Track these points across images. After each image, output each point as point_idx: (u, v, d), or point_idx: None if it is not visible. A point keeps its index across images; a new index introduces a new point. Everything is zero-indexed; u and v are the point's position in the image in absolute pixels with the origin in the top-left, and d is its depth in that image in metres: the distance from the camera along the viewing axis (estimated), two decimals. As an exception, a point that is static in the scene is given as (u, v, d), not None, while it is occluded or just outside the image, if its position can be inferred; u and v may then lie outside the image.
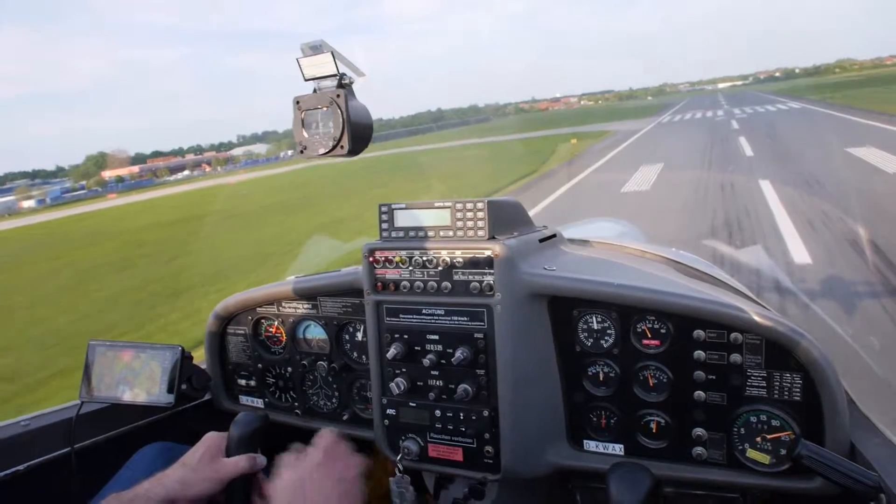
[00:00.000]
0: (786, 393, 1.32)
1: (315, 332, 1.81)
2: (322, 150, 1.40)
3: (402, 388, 1.52)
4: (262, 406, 1.93)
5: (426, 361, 1.50)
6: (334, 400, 1.81)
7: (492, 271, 1.43)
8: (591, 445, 1.52)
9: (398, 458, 1.57)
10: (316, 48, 1.32)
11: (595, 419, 1.52)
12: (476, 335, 1.47)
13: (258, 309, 1.87)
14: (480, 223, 1.45)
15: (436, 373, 1.52)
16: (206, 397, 1.97)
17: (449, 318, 1.49)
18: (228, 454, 1.40)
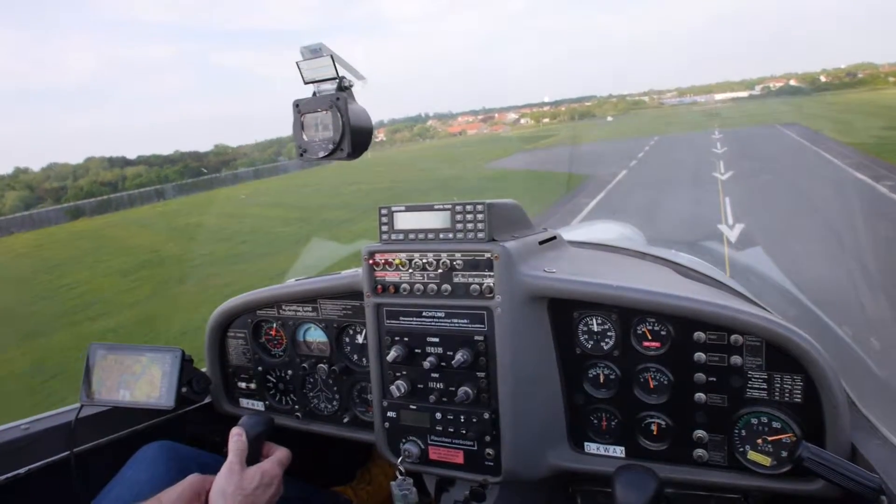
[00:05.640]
0: (786, 394, 1.32)
1: (315, 335, 1.81)
2: (322, 154, 1.40)
3: (403, 390, 1.52)
4: (263, 409, 1.93)
5: (426, 364, 1.49)
6: (335, 403, 1.81)
7: (492, 273, 1.43)
8: (591, 448, 1.52)
9: (399, 460, 1.57)
10: (315, 51, 1.32)
11: (596, 421, 1.51)
12: (476, 337, 1.46)
13: (258, 312, 1.87)
14: (480, 225, 1.45)
15: (436, 375, 1.52)
16: (207, 400, 1.97)
17: (449, 321, 1.49)
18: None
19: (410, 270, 1.52)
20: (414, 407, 1.56)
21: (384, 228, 1.56)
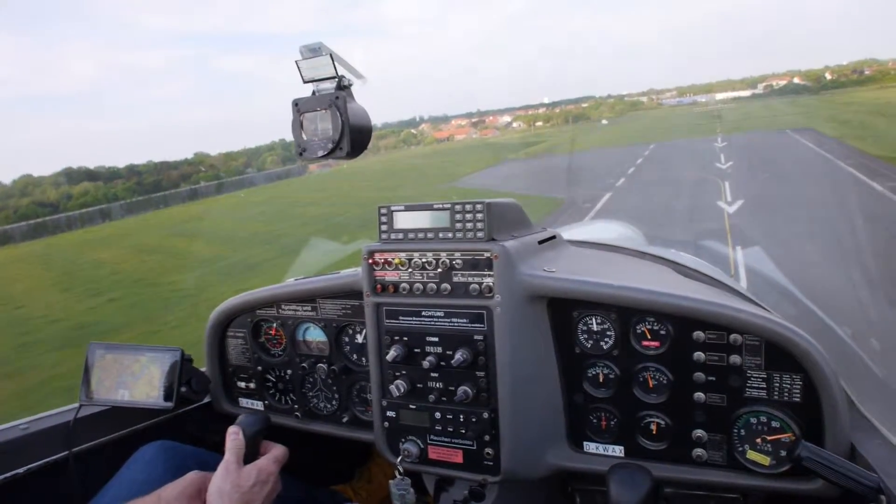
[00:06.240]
0: (786, 394, 1.32)
1: (315, 335, 1.81)
2: (321, 153, 1.40)
3: (402, 390, 1.52)
4: (262, 408, 1.93)
5: (426, 363, 1.49)
6: (334, 402, 1.81)
7: (491, 273, 1.43)
8: (591, 447, 1.52)
9: (398, 460, 1.57)
10: (315, 50, 1.32)
11: (595, 421, 1.51)
12: (476, 337, 1.46)
13: (258, 311, 1.87)
14: (480, 225, 1.45)
15: (435, 375, 1.52)
16: (206, 400, 1.97)
17: (448, 320, 1.49)
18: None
19: (410, 270, 1.52)
20: (413, 406, 1.56)
21: (384, 228, 1.56)
